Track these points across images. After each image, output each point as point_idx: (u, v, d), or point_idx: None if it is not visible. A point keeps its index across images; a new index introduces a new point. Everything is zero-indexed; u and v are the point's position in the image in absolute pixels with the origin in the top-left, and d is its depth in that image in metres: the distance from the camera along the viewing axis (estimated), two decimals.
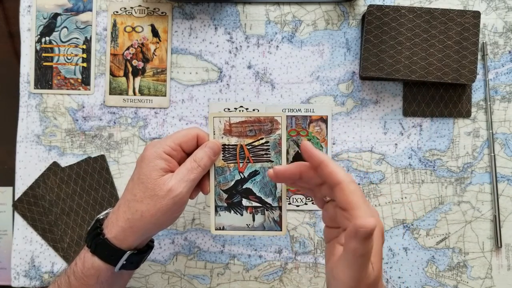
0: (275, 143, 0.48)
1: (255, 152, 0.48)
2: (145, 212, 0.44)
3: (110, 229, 0.45)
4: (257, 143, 0.48)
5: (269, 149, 0.48)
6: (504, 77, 0.57)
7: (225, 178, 0.49)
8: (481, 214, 0.56)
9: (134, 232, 0.45)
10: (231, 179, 0.49)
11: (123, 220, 0.45)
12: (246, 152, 0.49)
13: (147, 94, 0.59)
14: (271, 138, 0.48)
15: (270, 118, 0.48)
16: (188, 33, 0.59)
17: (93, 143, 0.59)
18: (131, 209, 0.44)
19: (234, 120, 0.48)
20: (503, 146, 0.57)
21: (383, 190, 0.57)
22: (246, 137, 0.48)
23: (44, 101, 0.60)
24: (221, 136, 0.48)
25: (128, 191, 0.46)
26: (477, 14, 0.54)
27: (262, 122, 0.48)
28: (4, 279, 0.60)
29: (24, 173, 0.60)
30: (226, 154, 0.49)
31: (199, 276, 0.58)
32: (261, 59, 0.58)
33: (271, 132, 0.48)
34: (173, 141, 0.46)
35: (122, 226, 0.44)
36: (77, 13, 0.60)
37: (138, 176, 0.45)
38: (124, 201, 0.45)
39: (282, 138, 0.48)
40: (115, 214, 0.45)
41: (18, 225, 0.59)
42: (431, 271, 0.56)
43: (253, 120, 0.48)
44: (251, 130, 0.48)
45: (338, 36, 0.58)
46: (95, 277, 0.45)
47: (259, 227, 0.49)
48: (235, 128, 0.48)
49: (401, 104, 0.57)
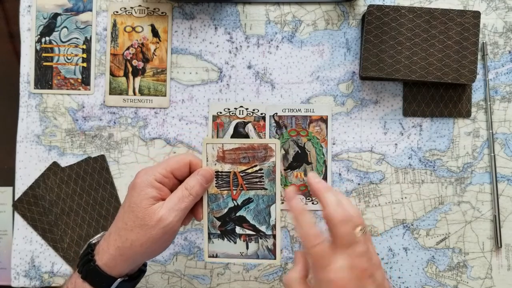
0: (269, 171, 0.47)
1: (249, 180, 0.48)
2: (135, 241, 0.43)
3: (101, 256, 0.44)
4: (251, 170, 0.48)
5: (263, 176, 0.48)
6: (504, 77, 0.57)
7: (218, 206, 0.48)
8: (481, 214, 0.56)
9: (124, 260, 0.44)
10: (224, 206, 0.48)
11: (114, 247, 0.44)
12: (240, 180, 0.48)
13: (147, 94, 0.59)
14: (265, 166, 0.48)
15: (264, 145, 0.48)
16: (188, 33, 0.59)
17: (93, 143, 0.59)
18: (122, 238, 0.44)
19: (228, 146, 0.48)
20: (503, 146, 0.57)
21: (383, 190, 0.57)
22: (239, 164, 0.48)
23: (44, 101, 0.60)
24: (214, 163, 0.48)
25: (119, 218, 0.45)
26: (477, 14, 0.54)
27: (256, 149, 0.48)
28: (4, 279, 0.60)
29: (24, 173, 0.60)
30: (219, 181, 0.48)
31: (199, 276, 0.58)
32: (261, 59, 0.58)
33: (265, 159, 0.48)
34: (165, 169, 0.45)
35: (112, 254, 0.44)
36: (77, 13, 0.60)
37: (128, 204, 0.44)
38: (115, 229, 0.45)
39: (276, 166, 0.47)
40: (106, 241, 0.45)
41: (18, 225, 0.59)
42: (431, 271, 0.56)
43: (246, 147, 0.47)
44: (245, 157, 0.48)
45: (338, 36, 0.58)
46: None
47: (253, 255, 0.48)
48: (229, 155, 0.48)
49: (401, 104, 0.57)
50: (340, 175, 0.57)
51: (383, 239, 0.57)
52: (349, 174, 0.57)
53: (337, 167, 0.57)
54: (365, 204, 0.57)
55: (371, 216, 0.57)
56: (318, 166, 0.57)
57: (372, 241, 0.42)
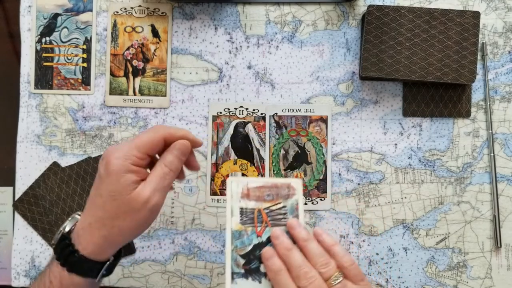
0: (292, 208, 0.47)
1: (273, 216, 0.47)
2: (123, 227, 0.43)
3: (84, 246, 0.43)
4: (275, 207, 0.47)
5: (286, 213, 0.47)
6: (504, 77, 0.57)
7: (242, 243, 0.46)
8: (481, 214, 0.56)
9: (112, 245, 0.44)
10: (248, 243, 0.46)
11: (98, 236, 0.42)
12: (264, 216, 0.47)
13: (147, 94, 0.59)
14: (288, 203, 0.47)
15: (287, 184, 0.48)
16: (188, 33, 0.59)
17: (93, 143, 0.59)
18: (107, 226, 0.42)
19: (252, 184, 0.47)
20: (503, 146, 0.57)
21: (383, 190, 0.57)
22: (264, 201, 0.47)
23: (45, 101, 0.60)
24: (239, 200, 0.47)
25: (98, 207, 0.43)
26: (476, 14, 0.54)
27: (279, 187, 0.48)
28: (5, 279, 0.60)
29: (25, 173, 0.60)
30: (243, 218, 0.47)
31: (199, 276, 0.58)
32: (261, 59, 0.59)
33: (288, 196, 0.47)
34: (140, 151, 0.43)
35: (97, 243, 0.43)
36: (77, 13, 0.60)
37: (107, 193, 0.42)
38: (95, 218, 0.43)
39: (299, 203, 0.47)
40: (87, 232, 0.43)
41: (19, 225, 0.59)
42: (431, 271, 0.56)
43: (270, 185, 0.48)
44: (269, 195, 0.47)
45: (338, 36, 0.58)
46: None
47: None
48: (253, 192, 0.47)
49: (401, 104, 0.58)
50: (340, 175, 0.57)
51: (383, 239, 0.57)
52: (349, 174, 0.57)
53: (337, 167, 0.57)
54: (365, 204, 0.57)
55: (371, 216, 0.57)
56: (318, 166, 0.57)
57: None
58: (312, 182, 0.57)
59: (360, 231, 0.57)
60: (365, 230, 0.57)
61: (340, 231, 0.57)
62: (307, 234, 0.45)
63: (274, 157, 0.58)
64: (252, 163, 0.58)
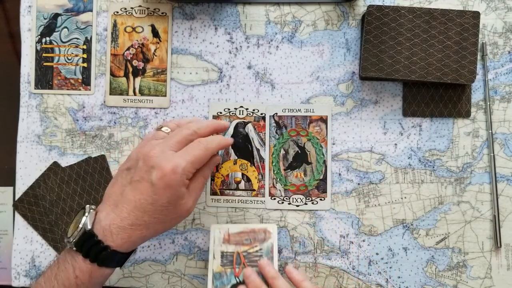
0: (268, 250, 0.54)
1: (250, 258, 0.54)
2: (161, 229, 0.47)
3: (119, 243, 0.45)
4: (252, 250, 0.54)
5: (262, 255, 0.54)
6: (504, 77, 0.57)
7: (222, 283, 0.53)
8: (481, 214, 0.56)
9: (144, 241, 0.48)
10: (227, 283, 0.53)
11: (138, 237, 0.45)
12: (242, 259, 0.54)
13: (147, 94, 0.59)
14: (264, 246, 0.54)
15: (263, 229, 0.55)
16: (188, 33, 0.59)
17: (94, 143, 0.60)
18: (150, 229, 0.46)
19: (233, 230, 0.55)
20: (503, 146, 0.57)
21: (382, 190, 0.57)
22: (242, 245, 0.54)
23: (45, 101, 0.60)
24: (220, 244, 0.54)
25: (145, 213, 0.45)
26: (476, 15, 0.54)
27: (256, 232, 0.55)
28: (5, 279, 0.60)
29: (25, 173, 0.60)
30: (224, 260, 0.54)
31: (199, 276, 0.58)
32: (261, 59, 0.59)
33: (264, 240, 0.54)
34: (194, 168, 0.47)
35: (135, 241, 0.46)
36: (77, 13, 0.60)
37: (160, 203, 0.45)
38: (140, 222, 0.45)
39: (274, 246, 0.54)
40: (125, 232, 0.45)
41: (19, 225, 0.59)
42: (431, 271, 0.56)
43: (249, 230, 0.55)
44: (247, 239, 0.54)
45: (338, 36, 0.58)
46: (102, 283, 0.47)
47: None
48: (233, 237, 0.54)
49: (400, 104, 0.58)
50: (340, 175, 0.57)
51: (382, 239, 0.57)
52: (349, 174, 0.57)
53: (337, 167, 0.57)
54: (365, 204, 0.57)
55: (371, 216, 0.57)
56: (318, 166, 0.57)
57: None
58: (312, 182, 0.57)
59: (360, 231, 0.57)
60: (365, 230, 0.57)
61: (340, 231, 0.57)
62: (276, 272, 0.51)
63: (274, 157, 0.58)
64: (252, 163, 0.58)
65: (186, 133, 0.48)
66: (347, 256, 0.57)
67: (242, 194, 0.58)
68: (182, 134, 0.48)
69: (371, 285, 0.56)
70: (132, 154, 0.48)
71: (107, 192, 0.48)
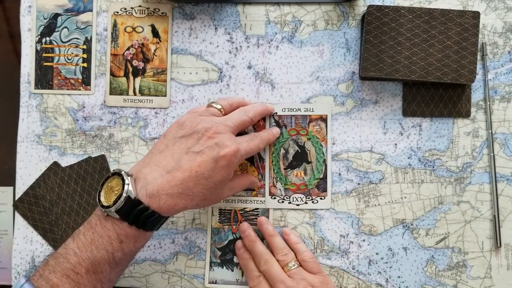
0: (263, 210, 0.57)
1: (247, 217, 0.57)
2: (200, 205, 0.49)
3: (164, 210, 0.45)
4: (249, 209, 0.57)
5: (258, 214, 0.57)
6: (504, 77, 0.57)
7: (220, 238, 0.57)
8: (481, 214, 0.56)
9: (182, 211, 0.48)
10: (225, 239, 0.57)
11: (182, 206, 0.46)
12: (239, 216, 0.57)
13: (147, 94, 0.59)
14: (260, 206, 0.57)
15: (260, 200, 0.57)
16: (188, 33, 0.59)
17: (94, 143, 0.60)
18: (195, 202, 0.47)
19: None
20: (503, 146, 0.57)
21: (382, 190, 0.57)
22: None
23: (45, 101, 0.60)
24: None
25: (199, 186, 0.46)
26: (476, 15, 0.54)
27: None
28: (5, 279, 0.60)
29: (25, 173, 0.60)
30: (221, 218, 0.57)
31: (199, 276, 0.58)
32: (261, 59, 0.59)
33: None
34: (247, 157, 0.52)
35: (176, 209, 0.46)
36: (77, 13, 0.60)
37: (216, 180, 0.47)
38: (190, 193, 0.46)
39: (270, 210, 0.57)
40: (173, 199, 0.45)
41: (19, 225, 0.59)
42: (431, 270, 0.56)
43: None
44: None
45: (338, 36, 0.58)
46: (144, 244, 0.48)
47: (247, 282, 0.55)
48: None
49: (400, 104, 0.58)
50: (340, 175, 0.57)
51: (382, 239, 0.57)
52: (349, 174, 0.57)
53: (337, 167, 0.57)
54: (364, 204, 0.57)
55: (371, 215, 0.57)
56: (318, 165, 0.57)
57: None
58: (312, 181, 0.57)
59: (360, 231, 0.57)
60: (365, 230, 0.57)
61: (340, 231, 0.57)
62: (273, 230, 0.55)
63: (274, 156, 0.58)
64: (252, 163, 0.58)
65: (245, 119, 0.52)
66: (347, 256, 0.57)
67: (242, 194, 0.58)
68: (242, 119, 0.51)
69: (371, 285, 0.56)
70: (186, 123, 0.49)
71: (152, 156, 0.48)
